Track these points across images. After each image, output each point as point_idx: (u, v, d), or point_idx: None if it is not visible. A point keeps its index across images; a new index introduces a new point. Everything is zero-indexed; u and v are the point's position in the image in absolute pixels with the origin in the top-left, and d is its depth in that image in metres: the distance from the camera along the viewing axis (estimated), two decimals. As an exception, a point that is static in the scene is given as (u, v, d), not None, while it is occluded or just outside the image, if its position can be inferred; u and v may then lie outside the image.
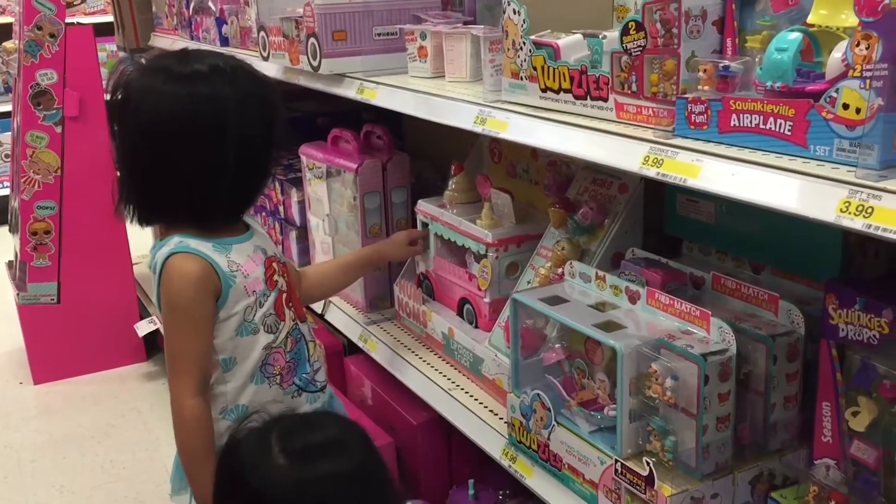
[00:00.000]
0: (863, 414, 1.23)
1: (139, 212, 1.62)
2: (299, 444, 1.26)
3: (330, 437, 1.29)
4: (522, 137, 1.39)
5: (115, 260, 3.64)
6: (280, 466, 1.23)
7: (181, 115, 1.52)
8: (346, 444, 1.28)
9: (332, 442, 1.28)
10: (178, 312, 1.57)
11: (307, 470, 1.22)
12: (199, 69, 1.56)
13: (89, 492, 3.04)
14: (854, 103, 0.93)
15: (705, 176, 1.06)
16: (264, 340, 1.63)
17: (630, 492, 1.30)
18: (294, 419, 1.43)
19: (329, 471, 1.23)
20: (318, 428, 1.32)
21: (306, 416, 1.53)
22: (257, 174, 1.62)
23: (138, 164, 1.57)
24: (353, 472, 1.24)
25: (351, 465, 1.25)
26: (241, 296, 1.60)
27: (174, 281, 1.56)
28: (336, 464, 1.24)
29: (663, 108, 1.17)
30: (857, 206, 0.89)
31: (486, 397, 1.76)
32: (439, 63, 1.79)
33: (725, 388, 1.26)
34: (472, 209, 1.92)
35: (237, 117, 1.54)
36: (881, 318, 1.17)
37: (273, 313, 1.64)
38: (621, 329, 1.36)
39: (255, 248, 1.64)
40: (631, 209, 1.63)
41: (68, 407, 3.57)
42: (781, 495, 1.31)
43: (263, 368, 1.64)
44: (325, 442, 1.28)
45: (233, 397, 1.61)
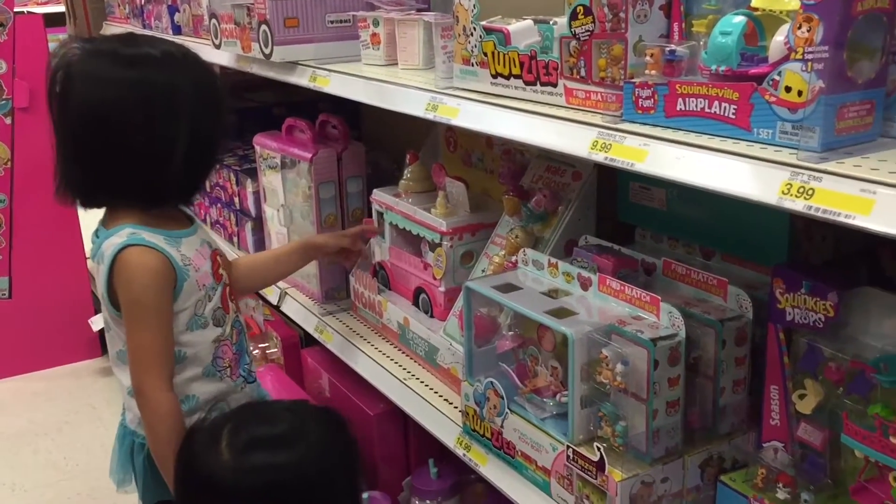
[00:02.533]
0: (809, 397, 1.24)
1: (83, 195, 1.60)
2: (244, 438, 1.29)
3: (278, 431, 1.31)
4: (473, 124, 1.38)
5: (67, 254, 3.57)
6: (223, 457, 1.27)
7: (134, 99, 1.50)
8: (291, 438, 1.29)
9: (277, 436, 1.30)
10: (144, 308, 1.54)
11: (246, 461, 1.26)
12: (150, 53, 1.55)
13: (42, 490, 2.98)
14: (796, 86, 0.94)
15: (652, 160, 1.06)
16: (213, 334, 1.62)
17: (581, 478, 1.30)
18: (252, 412, 1.46)
19: (268, 463, 1.25)
20: (271, 421, 1.35)
21: (266, 409, 1.53)
22: (207, 160, 1.62)
23: (85, 148, 1.54)
24: (294, 464, 1.27)
25: (293, 457, 1.27)
26: (194, 290, 1.59)
27: (136, 276, 1.53)
28: (275, 456, 1.26)
29: (611, 93, 1.17)
30: (799, 188, 0.89)
31: (441, 386, 1.76)
32: (392, 50, 1.77)
33: (675, 373, 1.26)
34: (428, 198, 1.91)
35: (191, 102, 1.53)
36: (827, 302, 1.18)
37: (220, 307, 1.64)
38: (573, 316, 1.36)
39: (201, 242, 1.64)
40: (584, 197, 1.63)
41: (20, 403, 3.50)
42: (731, 478, 1.32)
43: (215, 362, 1.64)
44: (270, 436, 1.30)
45: (182, 390, 1.59)
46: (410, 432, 2.05)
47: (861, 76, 0.93)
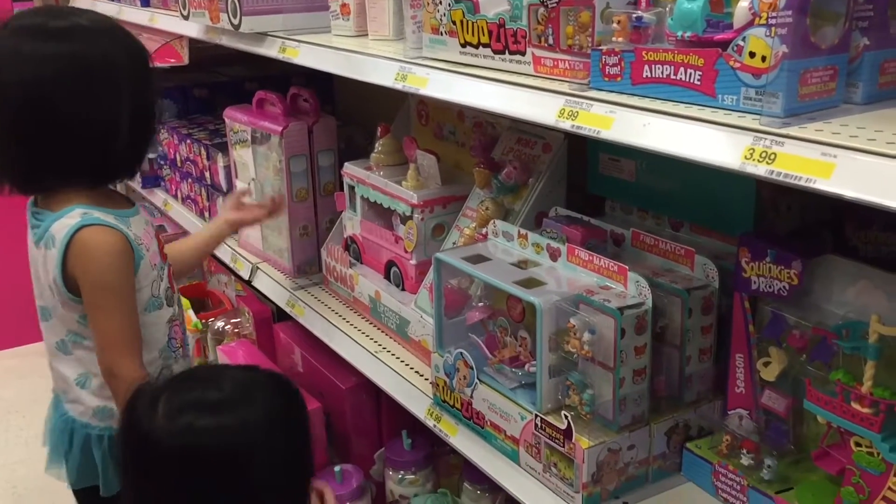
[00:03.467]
0: (773, 364, 1.26)
1: (25, 181, 1.55)
2: (180, 400, 1.28)
3: (216, 396, 1.29)
4: (442, 93, 1.37)
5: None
6: (158, 417, 1.26)
7: (74, 74, 1.46)
8: (230, 403, 1.28)
9: (215, 400, 1.29)
10: (111, 290, 1.52)
11: (179, 423, 1.25)
12: (80, 24, 1.50)
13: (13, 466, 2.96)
14: (760, 51, 0.94)
15: (618, 127, 1.06)
16: (167, 314, 1.65)
17: (549, 446, 1.31)
18: (195, 375, 1.44)
19: (201, 425, 1.25)
20: (212, 385, 1.33)
21: (211, 373, 1.49)
22: (149, 130, 1.60)
23: (26, 132, 1.48)
24: (231, 428, 1.26)
25: (229, 422, 1.26)
26: (148, 270, 1.58)
27: (99, 257, 1.50)
28: (208, 419, 1.26)
29: (579, 61, 1.17)
30: (761, 153, 0.90)
31: (412, 359, 1.76)
32: (362, 21, 1.75)
33: (641, 342, 1.27)
34: (399, 171, 1.90)
35: (128, 72, 1.51)
36: (791, 270, 1.19)
37: (169, 286, 1.67)
38: (541, 286, 1.36)
39: (146, 222, 1.64)
40: (554, 168, 1.63)
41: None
42: (696, 445, 1.34)
43: (170, 343, 1.66)
44: (208, 399, 1.29)
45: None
46: (383, 405, 2.05)
47: (825, 42, 0.93)
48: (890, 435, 1.09)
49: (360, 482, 1.97)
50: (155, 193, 2.93)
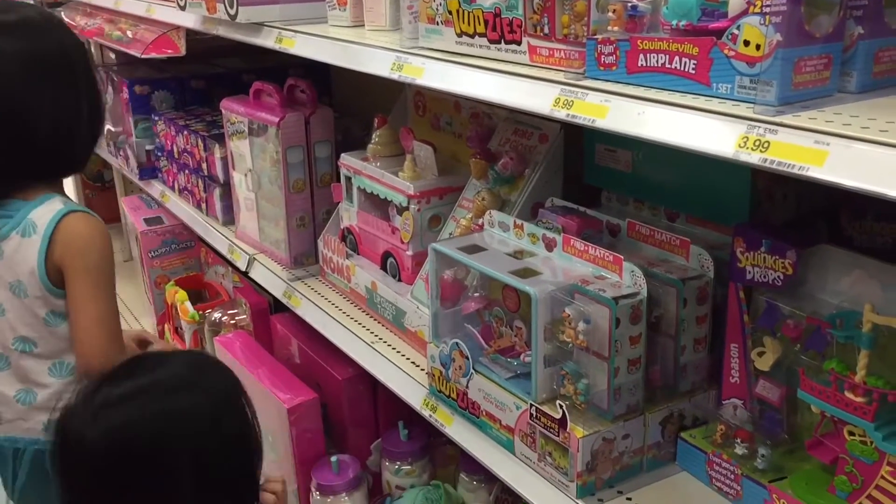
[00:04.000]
0: (768, 354, 1.26)
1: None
2: (100, 398, 1.20)
3: (147, 382, 1.23)
4: (438, 83, 1.37)
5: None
6: (82, 415, 1.19)
7: (35, 72, 1.47)
8: (149, 392, 1.21)
9: (150, 384, 1.22)
10: (105, 276, 1.52)
11: (102, 419, 1.17)
12: (30, 17, 1.52)
13: None
14: (754, 40, 0.94)
15: (613, 116, 1.06)
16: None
17: (544, 435, 1.31)
18: (131, 365, 1.31)
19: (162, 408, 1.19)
20: (135, 374, 1.25)
21: (145, 360, 1.35)
22: (102, 118, 1.65)
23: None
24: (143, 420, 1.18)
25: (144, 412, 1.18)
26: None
27: (95, 242, 1.51)
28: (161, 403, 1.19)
29: (574, 50, 1.17)
30: (755, 141, 0.90)
31: (408, 349, 1.76)
32: (359, 11, 1.75)
33: (636, 331, 1.27)
34: (396, 162, 1.90)
35: (81, 62, 1.55)
36: (785, 260, 1.19)
37: None
38: (537, 275, 1.36)
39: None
40: (551, 159, 1.63)
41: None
42: (690, 435, 1.34)
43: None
44: (144, 385, 1.22)
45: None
46: (380, 396, 2.05)
47: (819, 30, 0.93)
48: (883, 424, 1.09)
49: (356, 473, 1.97)
50: (152, 185, 2.93)
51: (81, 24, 2.93)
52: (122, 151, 3.05)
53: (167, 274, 2.92)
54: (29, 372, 1.58)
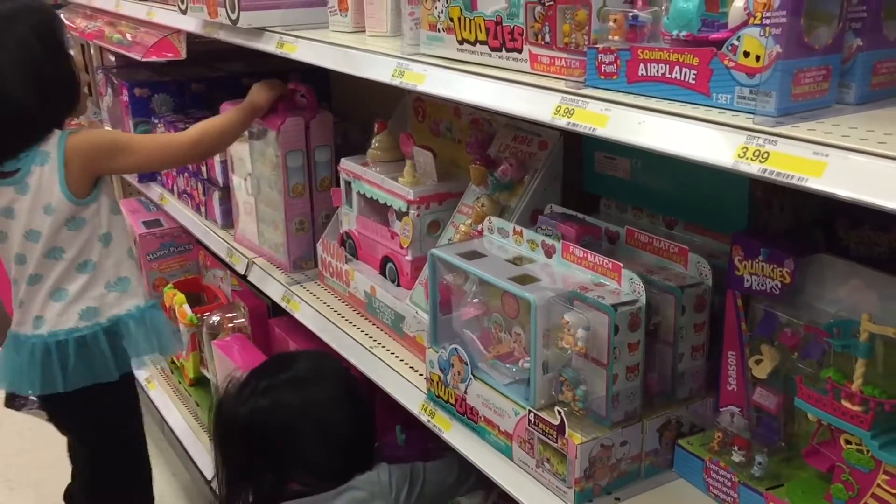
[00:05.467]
0: (765, 362, 1.26)
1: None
2: (273, 382, 1.67)
3: (283, 378, 1.68)
4: (439, 90, 1.38)
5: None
6: (236, 399, 1.67)
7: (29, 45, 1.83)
8: (300, 379, 1.68)
9: (289, 379, 1.68)
10: (116, 140, 1.92)
11: (278, 399, 1.65)
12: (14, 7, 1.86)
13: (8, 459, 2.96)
14: (754, 51, 0.94)
15: (613, 125, 1.06)
16: (125, 221, 2.00)
17: (543, 441, 1.32)
18: (265, 368, 1.78)
19: (293, 399, 1.64)
20: (279, 371, 1.70)
21: (285, 358, 1.84)
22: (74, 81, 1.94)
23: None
24: (308, 399, 1.65)
25: (308, 393, 1.65)
26: (107, 178, 1.94)
27: (90, 138, 1.87)
28: (295, 394, 1.65)
29: (575, 59, 1.17)
30: (754, 152, 0.90)
31: (407, 354, 1.76)
32: (360, 17, 1.76)
33: (635, 339, 1.28)
34: (395, 167, 1.91)
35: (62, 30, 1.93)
36: (783, 269, 1.20)
37: (116, 201, 1.99)
38: (536, 282, 1.37)
39: None
40: (550, 166, 1.64)
41: None
42: (688, 442, 1.35)
43: (131, 251, 1.99)
44: (286, 379, 1.68)
45: (115, 271, 1.93)
46: (378, 401, 2.05)
47: (818, 42, 0.94)
48: (879, 432, 1.10)
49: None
50: (151, 188, 2.93)
51: (82, 27, 2.94)
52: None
53: (165, 276, 2.92)
54: (60, 276, 1.89)
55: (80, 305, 1.90)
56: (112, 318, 1.92)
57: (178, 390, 2.89)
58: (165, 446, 2.98)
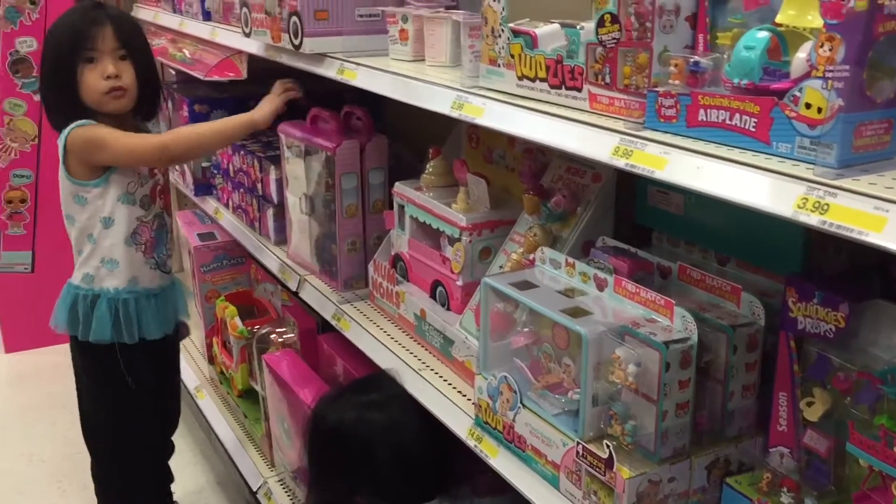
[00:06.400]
0: (817, 405, 1.26)
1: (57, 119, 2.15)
2: (364, 399, 1.84)
3: (378, 397, 1.84)
4: (497, 124, 1.41)
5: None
6: (327, 407, 1.89)
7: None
8: (388, 401, 1.83)
9: (379, 399, 1.84)
10: (101, 138, 2.06)
11: (364, 415, 1.81)
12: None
13: (59, 461, 3.04)
14: (816, 103, 0.96)
15: (671, 168, 1.08)
16: (137, 213, 2.17)
17: (590, 473, 1.33)
18: (361, 383, 1.98)
19: (377, 419, 1.80)
20: (373, 388, 1.88)
21: (379, 377, 1.94)
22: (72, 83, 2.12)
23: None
24: (391, 422, 1.81)
25: (392, 416, 1.81)
26: (130, 173, 2.14)
27: (82, 133, 2.06)
28: (381, 414, 1.81)
29: (635, 101, 1.19)
30: (814, 203, 0.92)
31: (455, 378, 1.79)
32: (420, 46, 1.80)
33: (686, 376, 1.29)
34: (448, 193, 1.94)
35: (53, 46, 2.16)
36: (838, 313, 1.20)
37: (148, 195, 2.19)
38: (588, 315, 1.39)
39: None
40: (603, 199, 1.66)
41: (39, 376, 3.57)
42: (736, 481, 1.35)
43: (134, 235, 2.18)
44: (376, 399, 1.84)
45: (108, 251, 2.16)
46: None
47: (880, 95, 0.95)
48: (932, 482, 1.09)
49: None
50: (206, 201, 3.01)
51: (147, 43, 3.02)
52: (180, 167, 3.14)
53: (217, 289, 2.99)
54: (76, 239, 2.20)
55: (84, 269, 2.19)
56: (97, 290, 2.18)
57: (226, 400, 2.95)
58: (212, 454, 3.04)
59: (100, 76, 2.09)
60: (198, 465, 3.04)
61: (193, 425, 3.20)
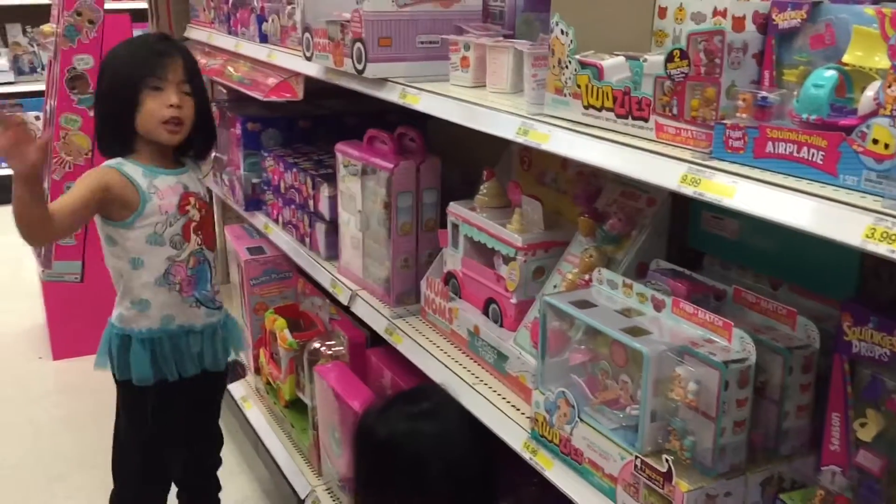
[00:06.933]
0: (870, 425, 1.31)
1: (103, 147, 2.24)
2: (414, 410, 1.87)
3: (428, 407, 1.87)
4: (564, 150, 1.48)
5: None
6: (377, 418, 1.89)
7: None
8: (438, 413, 1.87)
9: (429, 410, 1.87)
10: (83, 179, 2.13)
11: (415, 426, 1.84)
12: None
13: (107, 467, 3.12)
14: (883, 139, 1.02)
15: (741, 197, 1.15)
16: (167, 253, 2.18)
17: (648, 486, 1.39)
18: (408, 394, 2.04)
19: (428, 430, 1.83)
20: (422, 399, 1.91)
21: (429, 389, 1.98)
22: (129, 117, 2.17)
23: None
24: (442, 433, 1.83)
25: (443, 427, 1.84)
26: (155, 212, 2.16)
27: (94, 171, 2.17)
28: (432, 426, 1.84)
29: (701, 132, 1.26)
30: (882, 233, 0.98)
31: (508, 393, 1.85)
32: (480, 73, 1.88)
33: (743, 395, 1.35)
34: (501, 214, 2.01)
35: (109, 82, 2.23)
36: (893, 337, 1.25)
37: (180, 234, 2.20)
38: (647, 334, 1.45)
39: (177, 182, 2.22)
40: (657, 222, 1.72)
41: (87, 383, 3.66)
42: (789, 497, 1.40)
43: (166, 276, 2.19)
44: (426, 409, 1.88)
45: (138, 293, 2.18)
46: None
47: (944, 133, 1.01)
48: None
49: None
50: (256, 216, 3.10)
51: (202, 63, 3.13)
52: (229, 182, 3.23)
53: (265, 301, 3.07)
54: (113, 277, 2.24)
55: (119, 309, 2.24)
56: (127, 331, 2.21)
57: (272, 411, 3.03)
58: (257, 464, 3.11)
59: (163, 104, 2.12)
60: (243, 475, 3.11)
61: (238, 435, 3.27)
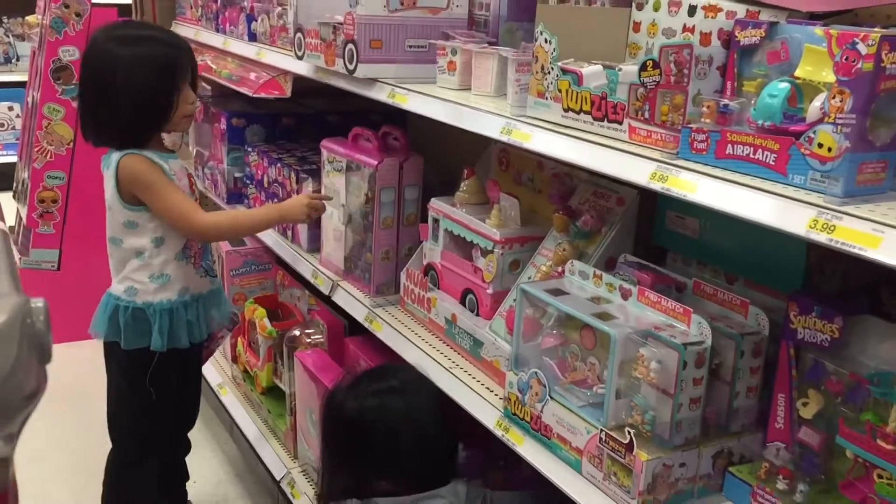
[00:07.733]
0: (811, 404, 1.46)
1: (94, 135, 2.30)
2: (382, 386, 1.94)
3: (396, 384, 1.94)
4: (543, 149, 1.62)
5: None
6: (350, 398, 1.92)
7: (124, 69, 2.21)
8: (405, 389, 1.93)
9: (397, 387, 1.93)
10: (154, 184, 2.21)
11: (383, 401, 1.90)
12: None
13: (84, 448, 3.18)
14: (827, 143, 1.17)
15: (702, 192, 1.29)
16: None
17: (611, 457, 1.52)
18: (375, 372, 2.08)
19: (396, 405, 1.90)
20: (389, 376, 1.98)
21: (394, 368, 2.07)
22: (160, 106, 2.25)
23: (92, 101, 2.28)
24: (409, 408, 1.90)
25: (410, 402, 1.90)
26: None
27: (135, 167, 2.20)
28: (399, 401, 1.91)
29: (670, 134, 1.40)
30: (823, 224, 1.12)
31: (482, 376, 1.97)
32: (465, 77, 2.01)
33: (699, 375, 1.49)
34: (480, 210, 2.14)
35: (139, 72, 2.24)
36: (833, 325, 1.41)
37: None
38: (614, 319, 1.59)
39: (181, 165, 2.36)
40: (626, 220, 1.86)
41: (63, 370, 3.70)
42: (738, 470, 1.54)
43: (184, 250, 2.33)
44: (394, 386, 1.94)
45: (160, 268, 2.29)
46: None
47: (879, 140, 1.17)
48: (909, 469, 1.29)
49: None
50: (238, 209, 3.19)
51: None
52: (211, 176, 3.32)
53: (245, 292, 3.16)
54: (120, 258, 2.33)
55: (128, 283, 2.31)
56: (145, 303, 2.30)
57: (248, 397, 3.12)
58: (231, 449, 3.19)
59: (187, 100, 2.27)
60: (216, 459, 3.19)
61: (212, 421, 3.35)
